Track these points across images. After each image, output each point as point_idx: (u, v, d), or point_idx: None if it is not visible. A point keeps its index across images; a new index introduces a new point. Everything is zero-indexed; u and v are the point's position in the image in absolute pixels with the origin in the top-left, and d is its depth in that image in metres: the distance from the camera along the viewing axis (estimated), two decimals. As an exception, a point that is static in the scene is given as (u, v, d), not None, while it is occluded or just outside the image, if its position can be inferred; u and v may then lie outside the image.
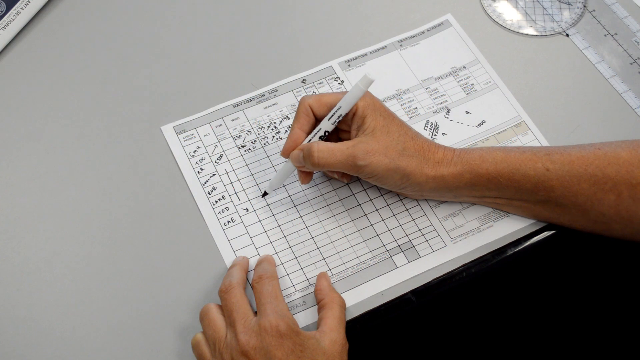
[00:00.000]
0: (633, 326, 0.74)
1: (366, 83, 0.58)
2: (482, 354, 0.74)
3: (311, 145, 0.59)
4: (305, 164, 0.60)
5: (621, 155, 0.57)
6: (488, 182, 0.59)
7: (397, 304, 0.61)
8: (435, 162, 0.59)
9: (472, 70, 0.72)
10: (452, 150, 0.60)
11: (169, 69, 0.73)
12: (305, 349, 0.53)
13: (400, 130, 0.59)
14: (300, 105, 0.61)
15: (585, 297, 0.75)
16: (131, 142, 0.69)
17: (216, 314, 0.57)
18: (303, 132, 0.61)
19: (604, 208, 0.57)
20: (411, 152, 0.59)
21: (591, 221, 0.59)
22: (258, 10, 0.77)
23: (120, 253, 0.63)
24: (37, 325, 0.60)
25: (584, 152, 0.58)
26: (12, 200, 0.66)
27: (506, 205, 0.62)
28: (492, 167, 0.59)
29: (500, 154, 0.59)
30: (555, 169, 0.58)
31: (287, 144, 0.61)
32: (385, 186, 0.61)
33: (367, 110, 0.59)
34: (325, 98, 0.61)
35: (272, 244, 0.63)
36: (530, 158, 0.59)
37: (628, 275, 0.74)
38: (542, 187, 0.58)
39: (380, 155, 0.58)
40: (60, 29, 0.76)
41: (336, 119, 0.60)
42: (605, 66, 0.71)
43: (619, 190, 0.56)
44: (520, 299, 0.74)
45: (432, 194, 0.62)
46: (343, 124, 0.61)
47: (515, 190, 0.59)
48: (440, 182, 0.59)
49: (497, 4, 0.76)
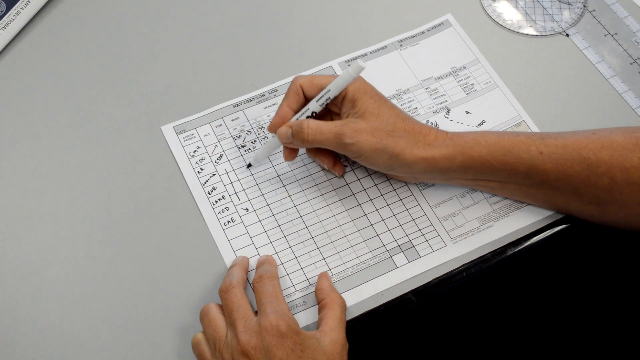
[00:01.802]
0: (633, 327, 0.74)
1: (356, 69, 0.59)
2: (482, 354, 0.74)
3: (301, 121, 0.61)
4: (293, 140, 0.61)
5: (615, 139, 0.57)
6: (481, 165, 0.59)
7: (397, 304, 0.61)
8: (426, 143, 0.59)
9: (472, 70, 0.72)
10: (445, 133, 0.60)
11: (169, 69, 0.73)
12: (306, 349, 0.53)
13: (391, 112, 0.60)
14: (292, 84, 0.62)
15: (586, 297, 0.75)
16: (131, 142, 0.69)
17: (216, 314, 0.57)
18: (291, 110, 0.62)
19: (597, 191, 0.57)
20: (401, 133, 0.59)
21: (585, 203, 0.59)
22: (258, 11, 0.77)
23: (120, 253, 0.63)
24: (37, 325, 0.60)
25: (578, 136, 0.58)
26: (12, 200, 0.66)
27: (500, 188, 0.62)
28: (485, 150, 0.59)
29: (493, 137, 0.59)
30: (549, 152, 0.58)
31: (274, 120, 0.62)
32: (375, 167, 0.61)
33: (357, 93, 0.60)
34: (317, 79, 0.62)
35: (272, 244, 0.63)
36: (524, 141, 0.59)
37: (628, 276, 0.74)
38: (535, 171, 0.58)
39: (368, 134, 0.58)
40: (60, 29, 0.76)
41: (324, 101, 0.61)
42: (605, 66, 0.72)
43: (612, 174, 0.56)
44: (520, 299, 0.74)
45: (424, 176, 0.62)
46: (334, 106, 0.62)
47: (508, 173, 0.59)
48: (430, 163, 0.59)
49: (497, 4, 0.76)
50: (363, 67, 0.58)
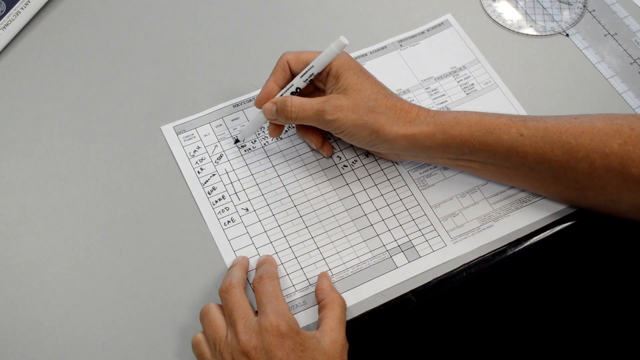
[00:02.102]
0: (633, 327, 0.74)
1: (339, 46, 0.60)
2: (482, 354, 0.74)
3: (285, 98, 0.62)
4: (278, 117, 0.62)
5: (596, 124, 0.57)
6: (461, 145, 0.59)
7: (397, 304, 0.61)
8: (408, 120, 0.60)
9: (472, 70, 0.72)
10: (426, 111, 0.61)
11: (169, 69, 0.73)
12: (306, 349, 0.53)
13: (373, 88, 0.61)
14: (280, 60, 0.64)
15: (586, 297, 0.75)
16: (131, 142, 0.69)
17: (216, 314, 0.57)
18: (277, 85, 0.64)
19: (576, 175, 0.58)
20: (382, 109, 0.60)
21: (564, 187, 0.60)
22: (258, 11, 0.77)
23: (120, 253, 0.63)
24: (37, 325, 0.60)
25: (560, 120, 0.59)
26: (12, 200, 0.66)
27: (481, 169, 0.62)
28: (465, 129, 0.59)
29: (475, 117, 0.60)
30: (529, 134, 0.58)
31: (260, 95, 0.64)
32: (357, 143, 0.62)
33: (341, 69, 0.61)
34: (303, 55, 0.63)
35: (272, 244, 0.63)
36: (505, 123, 0.59)
37: (628, 276, 0.74)
38: (515, 152, 0.58)
39: (349, 111, 0.59)
40: (60, 29, 0.76)
41: (308, 77, 0.62)
42: (605, 66, 0.72)
43: (591, 159, 0.56)
44: (520, 299, 0.74)
45: (406, 154, 0.63)
46: (319, 82, 0.64)
47: (488, 154, 0.59)
48: (411, 140, 0.60)
49: (497, 4, 0.76)
50: (346, 43, 0.59)
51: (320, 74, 0.62)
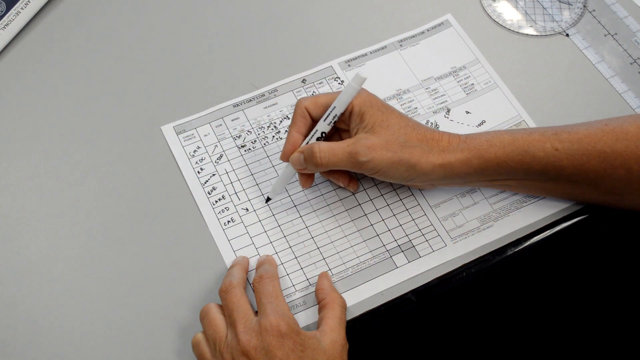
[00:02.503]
0: (633, 328, 0.74)
1: (359, 81, 0.58)
2: (482, 354, 0.74)
3: (312, 145, 0.59)
4: (307, 166, 0.60)
5: (629, 130, 0.57)
6: (497, 167, 0.59)
7: (397, 304, 0.61)
8: (441, 149, 0.59)
9: (472, 70, 0.72)
10: (457, 137, 0.60)
11: (169, 69, 0.73)
12: (306, 349, 0.53)
13: (400, 122, 0.59)
14: (297, 108, 0.61)
15: (586, 297, 0.75)
16: (131, 142, 0.69)
17: (216, 314, 0.57)
18: (300, 134, 0.61)
19: (615, 182, 0.58)
20: (414, 142, 0.58)
21: (602, 194, 0.60)
22: (258, 11, 0.77)
23: (121, 253, 0.63)
24: (37, 325, 0.60)
25: (592, 129, 0.58)
26: (12, 200, 0.66)
27: (517, 186, 0.62)
28: (500, 151, 0.59)
29: (507, 137, 0.59)
30: (564, 148, 0.58)
31: (285, 148, 0.61)
32: (393, 180, 0.61)
33: (364, 107, 0.59)
34: (321, 99, 0.61)
35: (272, 244, 0.63)
36: (538, 139, 0.58)
37: (628, 276, 0.74)
38: (552, 167, 0.58)
39: (382, 149, 0.58)
40: (60, 29, 0.76)
41: (332, 119, 0.60)
42: (605, 66, 0.71)
43: (628, 165, 0.57)
44: (520, 299, 0.74)
45: (442, 182, 0.62)
46: (342, 123, 0.61)
47: (525, 172, 0.59)
48: (448, 169, 0.59)
49: (497, 4, 0.76)
50: (365, 78, 0.58)
51: (342, 114, 0.60)
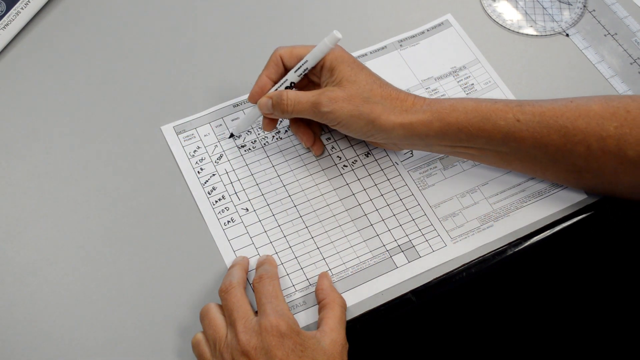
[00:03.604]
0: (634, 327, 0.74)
1: (333, 40, 0.60)
2: (482, 354, 0.74)
3: (281, 92, 0.62)
4: (274, 111, 0.63)
5: (592, 107, 0.57)
6: (458, 132, 0.59)
7: (397, 304, 0.61)
8: (404, 109, 0.60)
9: (472, 70, 0.72)
10: (422, 99, 0.61)
11: (169, 69, 0.73)
12: (306, 349, 0.53)
13: (368, 79, 0.61)
14: (273, 55, 0.64)
15: (586, 297, 0.75)
16: (131, 142, 0.69)
17: (216, 314, 0.57)
18: (270, 80, 0.64)
19: (574, 159, 0.58)
20: (377, 99, 0.60)
21: (561, 170, 0.60)
22: (258, 10, 0.77)
23: (121, 253, 0.63)
24: (37, 325, 0.60)
25: (556, 104, 0.59)
26: (12, 200, 0.66)
27: (478, 155, 0.62)
28: (462, 116, 0.59)
29: (471, 104, 0.60)
30: (526, 119, 0.58)
31: (253, 90, 0.64)
32: (354, 134, 0.62)
33: (335, 62, 0.61)
34: (296, 50, 0.63)
35: (272, 244, 0.63)
36: (501, 108, 0.59)
37: (627, 276, 0.74)
38: (512, 138, 0.58)
39: (344, 102, 0.59)
40: (60, 29, 0.76)
41: (302, 71, 0.63)
42: (605, 66, 0.72)
43: (588, 142, 0.57)
44: (520, 299, 0.74)
45: (403, 143, 0.63)
46: (314, 76, 0.64)
47: (485, 140, 0.59)
48: (408, 129, 0.60)
49: (497, 4, 0.76)
50: (339, 37, 0.60)
51: (314, 68, 0.62)
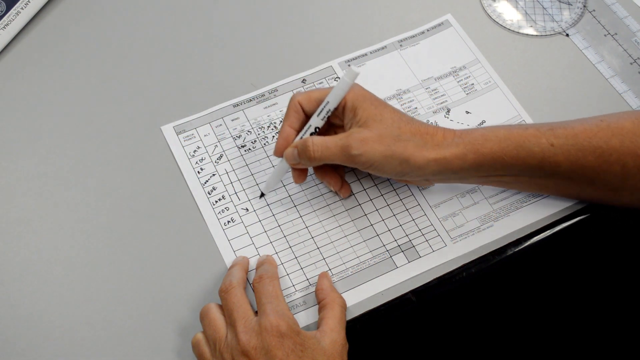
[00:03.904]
0: (633, 327, 0.74)
1: (352, 76, 0.58)
2: (482, 354, 0.74)
3: (305, 140, 0.59)
4: (300, 160, 0.60)
5: (625, 125, 0.57)
6: (493, 162, 0.58)
7: (397, 304, 0.61)
8: (435, 144, 0.58)
9: (472, 70, 0.72)
10: (452, 132, 0.59)
11: (169, 69, 0.73)
12: (306, 349, 0.53)
13: (393, 116, 0.59)
14: (290, 103, 0.61)
15: (586, 297, 0.75)
16: (131, 142, 0.69)
17: (216, 314, 0.57)
18: (293, 129, 0.61)
19: (610, 178, 0.58)
20: (407, 136, 0.58)
21: (599, 191, 0.60)
22: (258, 11, 0.77)
23: (121, 253, 0.63)
24: (37, 325, 0.60)
25: (587, 124, 0.58)
26: (12, 200, 0.66)
27: (512, 182, 0.61)
28: (496, 146, 0.58)
29: (503, 132, 0.59)
30: (559, 143, 0.57)
31: (278, 143, 0.61)
32: (387, 175, 0.60)
33: (357, 101, 0.59)
34: (314, 94, 0.61)
35: (272, 244, 0.63)
36: (533, 134, 0.58)
37: (628, 276, 0.74)
38: (547, 163, 0.58)
39: (375, 142, 0.57)
40: (60, 29, 0.76)
41: (325, 114, 0.60)
42: (605, 66, 0.72)
43: (624, 161, 0.57)
44: (520, 299, 0.74)
45: (437, 178, 0.61)
46: (335, 118, 0.61)
47: (521, 167, 0.59)
48: (442, 164, 0.58)
49: (497, 4, 0.76)
50: (358, 72, 0.57)
51: (335, 109, 0.60)
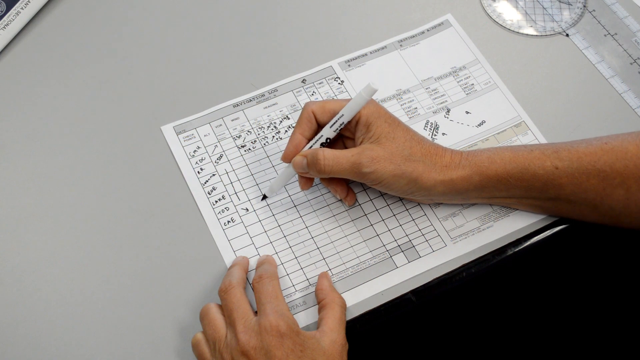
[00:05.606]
0: (633, 327, 0.74)
1: (369, 92, 0.57)
2: (482, 354, 0.74)
3: (317, 151, 0.59)
4: (309, 170, 0.60)
5: (629, 149, 0.57)
6: (497, 183, 0.59)
7: (397, 304, 0.61)
8: (443, 165, 0.59)
9: (472, 70, 0.72)
10: (459, 154, 0.60)
11: (169, 69, 0.73)
12: (306, 349, 0.53)
13: (406, 135, 0.59)
14: (304, 111, 0.61)
15: (586, 297, 0.75)
16: (131, 142, 0.69)
17: (216, 314, 0.57)
18: (304, 137, 0.61)
19: (613, 202, 0.58)
20: (417, 157, 0.58)
21: (601, 215, 0.60)
22: (258, 11, 0.77)
23: (121, 253, 0.63)
24: (37, 325, 0.60)
25: (592, 147, 0.58)
26: (12, 200, 0.66)
27: (516, 203, 0.62)
28: (500, 168, 0.59)
29: (508, 154, 0.59)
30: (564, 166, 0.58)
31: (287, 149, 0.61)
32: (394, 192, 0.60)
33: (371, 117, 0.59)
34: (328, 105, 0.61)
35: (272, 244, 0.63)
36: (538, 157, 0.58)
37: (628, 276, 0.74)
38: (551, 185, 0.58)
39: (386, 161, 0.57)
40: (60, 29, 0.76)
41: (338, 126, 0.60)
42: (605, 66, 0.71)
43: (627, 185, 0.57)
44: (520, 299, 0.74)
45: (442, 198, 0.62)
46: (347, 131, 0.61)
47: (525, 189, 0.59)
48: (449, 186, 0.59)
49: (497, 4, 0.76)
50: (376, 89, 0.57)
51: (349, 122, 0.60)
